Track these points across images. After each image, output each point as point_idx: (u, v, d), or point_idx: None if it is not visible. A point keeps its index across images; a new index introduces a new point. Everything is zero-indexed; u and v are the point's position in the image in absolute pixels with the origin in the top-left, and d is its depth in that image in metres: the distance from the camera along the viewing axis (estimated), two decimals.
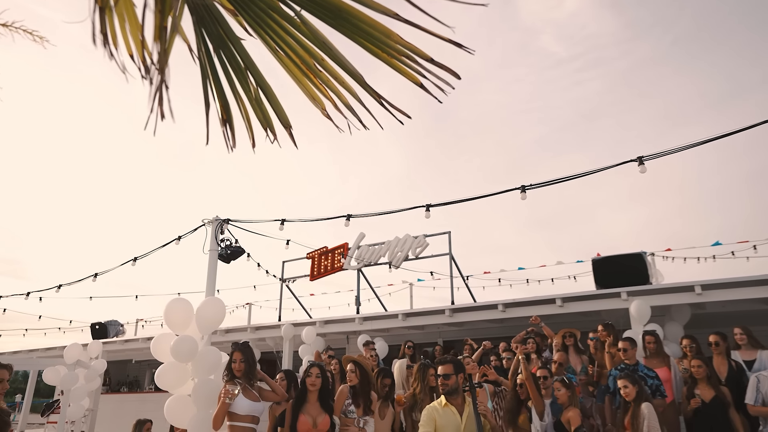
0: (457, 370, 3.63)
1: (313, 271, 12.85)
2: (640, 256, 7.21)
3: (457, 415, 3.54)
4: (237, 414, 3.96)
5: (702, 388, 5.16)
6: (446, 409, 3.58)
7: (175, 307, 4.49)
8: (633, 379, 4.72)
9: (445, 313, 8.61)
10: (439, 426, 3.51)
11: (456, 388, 3.60)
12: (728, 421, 4.99)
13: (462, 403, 3.61)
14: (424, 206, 4.19)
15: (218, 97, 1.03)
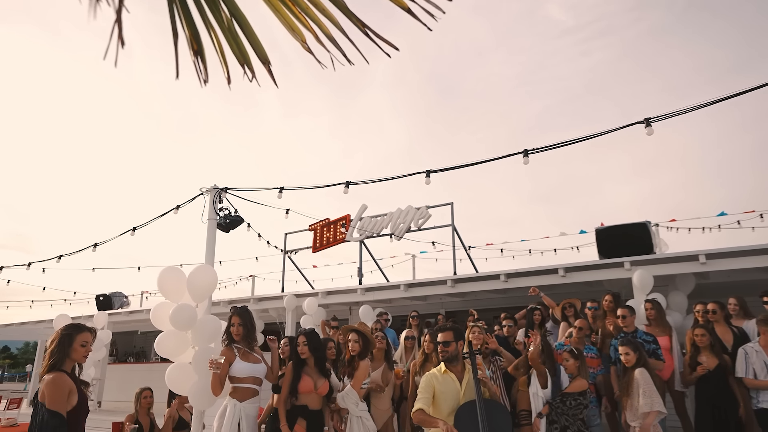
0: (457, 337, 3.61)
1: (316, 243, 12.86)
2: (644, 225, 7.12)
3: (456, 382, 3.53)
4: (237, 377, 4.01)
5: (705, 357, 5.14)
6: (446, 376, 3.56)
7: (168, 276, 4.47)
8: (634, 345, 4.70)
9: (447, 283, 8.59)
10: (438, 392, 3.50)
11: (456, 355, 3.58)
12: (729, 388, 5.00)
13: (462, 371, 3.59)
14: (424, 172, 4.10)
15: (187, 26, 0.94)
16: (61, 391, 2.86)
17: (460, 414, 3.35)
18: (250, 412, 4.01)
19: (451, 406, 3.42)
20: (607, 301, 6.17)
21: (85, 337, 3.10)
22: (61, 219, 67.79)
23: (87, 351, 3.10)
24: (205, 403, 4.28)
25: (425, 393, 3.50)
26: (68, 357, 3.02)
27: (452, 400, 3.45)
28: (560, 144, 3.54)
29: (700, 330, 5.21)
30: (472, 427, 3.26)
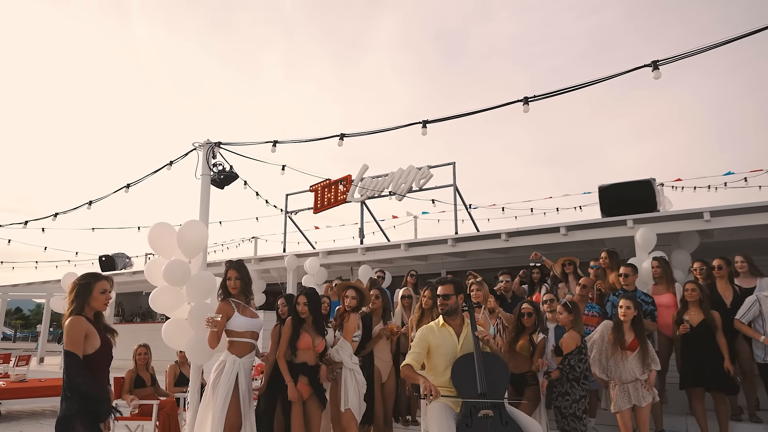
0: (457, 291, 3.54)
1: (317, 204, 12.79)
2: (649, 183, 6.97)
3: (454, 336, 3.48)
4: (235, 331, 3.98)
5: (692, 312, 5.11)
6: (443, 330, 3.52)
7: (159, 232, 4.40)
8: (636, 303, 4.65)
9: (448, 242, 8.53)
10: (433, 346, 3.46)
11: (455, 308, 3.52)
12: (715, 344, 4.96)
13: (460, 324, 3.54)
14: (420, 123, 3.96)
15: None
16: (76, 333, 2.90)
17: (457, 366, 3.32)
18: (247, 366, 4.02)
19: (448, 360, 3.39)
20: (602, 259, 6.10)
21: (103, 285, 3.13)
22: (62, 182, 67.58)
23: (107, 298, 3.14)
24: (202, 358, 4.29)
25: (417, 348, 3.47)
26: (88, 305, 3.05)
27: (449, 353, 3.42)
28: (563, 90, 3.38)
29: (691, 285, 5.17)
30: (469, 380, 3.23)
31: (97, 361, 2.97)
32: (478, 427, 3.07)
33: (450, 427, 3.07)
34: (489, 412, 3.09)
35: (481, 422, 3.08)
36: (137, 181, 5.31)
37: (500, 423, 3.09)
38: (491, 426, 3.05)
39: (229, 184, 4.97)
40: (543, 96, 3.45)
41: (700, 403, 5.04)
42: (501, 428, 3.07)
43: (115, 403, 5.48)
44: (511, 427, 3.09)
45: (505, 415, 3.13)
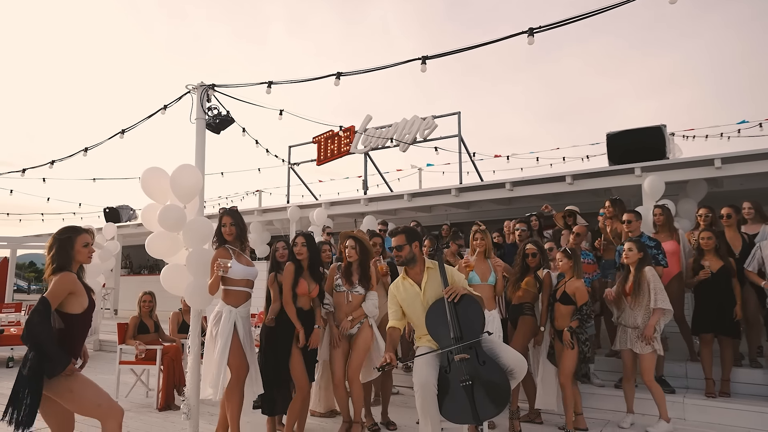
0: (410, 240, 3.45)
1: (320, 156, 12.63)
2: (659, 129, 6.76)
3: (415, 286, 3.42)
4: (232, 279, 3.91)
5: (709, 260, 5.05)
6: (405, 282, 3.47)
7: (151, 176, 4.30)
8: (640, 245, 4.57)
9: (452, 192, 8.42)
10: (401, 301, 3.43)
11: (411, 257, 3.44)
12: (730, 291, 4.95)
13: (420, 272, 3.45)
14: (420, 59, 3.77)
15: None
16: (63, 288, 2.81)
17: (429, 315, 3.27)
18: (244, 315, 3.98)
19: (418, 311, 3.35)
20: (606, 208, 5.99)
21: (85, 238, 3.00)
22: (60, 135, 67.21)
23: (90, 251, 3.01)
24: (200, 303, 4.29)
25: (392, 307, 3.47)
26: (73, 260, 2.94)
27: (414, 304, 3.37)
28: (568, 20, 3.16)
29: (706, 233, 5.09)
30: (443, 326, 3.19)
31: (82, 322, 2.90)
32: (456, 372, 3.06)
33: (431, 374, 3.08)
34: (464, 356, 3.08)
35: (458, 366, 3.07)
36: (132, 126, 5.19)
37: (477, 363, 3.08)
38: (467, 368, 3.04)
39: (225, 128, 4.83)
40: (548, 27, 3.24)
41: (709, 348, 5.05)
42: (478, 368, 3.06)
43: (119, 347, 5.67)
44: (489, 365, 3.07)
45: (482, 354, 3.11)
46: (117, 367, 5.43)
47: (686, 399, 4.90)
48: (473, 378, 3.00)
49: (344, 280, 4.33)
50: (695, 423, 4.70)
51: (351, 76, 4.16)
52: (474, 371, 3.02)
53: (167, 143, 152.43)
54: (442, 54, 3.64)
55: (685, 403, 4.86)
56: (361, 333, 4.28)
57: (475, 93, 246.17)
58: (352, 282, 4.31)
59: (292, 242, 4.21)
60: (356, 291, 4.32)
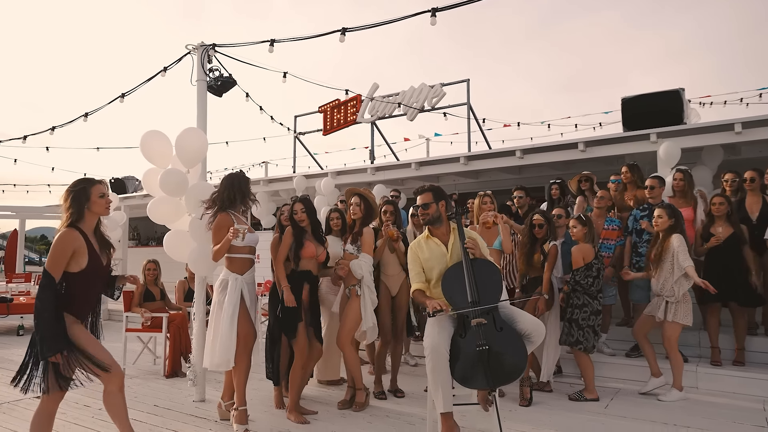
0: (436, 198, 3.33)
1: (326, 126, 12.45)
2: (677, 93, 6.49)
3: (441, 246, 3.31)
4: (235, 246, 3.79)
5: (720, 227, 4.90)
6: (429, 242, 3.35)
7: (151, 140, 4.18)
8: (671, 210, 4.42)
9: (460, 161, 8.23)
10: (423, 260, 3.31)
11: (438, 216, 3.32)
12: (742, 257, 4.80)
13: (447, 233, 3.35)
14: (429, 11, 3.57)
15: None
16: (62, 250, 2.71)
17: (446, 278, 3.16)
18: (250, 282, 3.87)
19: (439, 272, 3.24)
20: (623, 173, 5.80)
21: (100, 188, 2.90)
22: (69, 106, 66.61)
23: (107, 202, 2.92)
24: (204, 269, 4.22)
25: (414, 268, 3.35)
26: (89, 210, 2.84)
27: (439, 265, 3.26)
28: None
29: (718, 198, 4.93)
30: (460, 290, 3.09)
31: (80, 282, 2.78)
32: (471, 336, 2.96)
33: (442, 330, 2.98)
34: (482, 321, 2.97)
35: (474, 331, 2.96)
36: (132, 90, 5.04)
37: (494, 329, 2.97)
38: (484, 333, 2.94)
39: (227, 90, 4.68)
40: None
41: (715, 317, 4.95)
42: (495, 334, 2.95)
43: (125, 315, 5.65)
44: (507, 332, 2.97)
45: (499, 320, 3.01)
46: (123, 335, 5.42)
47: (699, 368, 4.81)
48: (490, 343, 2.90)
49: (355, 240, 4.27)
50: (708, 392, 4.63)
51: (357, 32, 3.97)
52: (491, 337, 2.92)
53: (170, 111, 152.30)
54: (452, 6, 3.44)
55: (698, 372, 4.77)
56: (351, 303, 4.18)
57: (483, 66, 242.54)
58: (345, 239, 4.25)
59: (290, 209, 4.08)
60: (348, 249, 4.23)
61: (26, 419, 3.85)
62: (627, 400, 4.39)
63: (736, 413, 4.01)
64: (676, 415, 3.93)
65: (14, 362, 5.89)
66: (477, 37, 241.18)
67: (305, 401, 4.28)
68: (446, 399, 2.96)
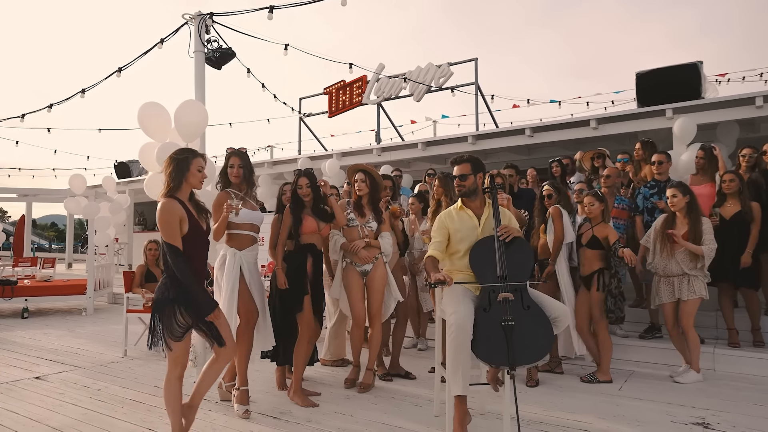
0: (475, 170, 3.17)
1: (331, 108, 12.26)
2: (695, 66, 6.25)
3: (474, 219, 3.16)
4: (234, 222, 3.66)
5: (729, 204, 4.71)
6: (462, 213, 3.20)
7: (149, 112, 4.03)
8: (684, 188, 4.23)
9: (468, 140, 8.04)
10: (452, 231, 3.16)
11: (474, 189, 3.17)
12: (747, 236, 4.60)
13: (481, 206, 3.21)
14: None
15: None
16: (169, 221, 2.74)
17: (476, 250, 3.02)
18: (250, 260, 3.73)
19: (469, 244, 3.09)
20: (636, 150, 5.58)
21: (200, 162, 2.93)
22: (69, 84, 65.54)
23: (203, 177, 2.96)
24: None
25: (437, 236, 3.18)
26: (186, 182, 2.87)
27: (469, 237, 3.11)
28: None
29: (729, 175, 4.73)
30: (489, 263, 2.94)
31: (186, 248, 2.76)
32: (497, 311, 2.80)
33: (467, 306, 2.81)
34: (509, 296, 2.81)
35: (500, 306, 2.81)
36: (129, 63, 4.88)
37: (521, 307, 2.82)
38: (511, 310, 2.78)
39: (226, 62, 4.51)
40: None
41: (728, 298, 4.78)
42: (522, 312, 2.80)
43: (126, 296, 5.56)
44: (534, 310, 2.82)
45: (527, 298, 2.86)
46: (125, 316, 5.32)
47: (716, 349, 4.64)
48: (516, 320, 2.75)
49: (356, 213, 4.11)
50: (726, 374, 4.46)
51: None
52: (517, 314, 2.78)
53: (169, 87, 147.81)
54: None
55: (716, 354, 4.61)
56: (377, 270, 4.08)
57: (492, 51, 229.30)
58: (364, 215, 4.09)
59: (294, 183, 3.93)
60: (369, 226, 4.10)
61: (23, 399, 3.78)
62: (642, 382, 4.24)
63: (757, 395, 3.85)
64: (694, 397, 3.78)
65: (17, 344, 5.84)
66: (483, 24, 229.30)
67: (308, 383, 4.18)
68: (465, 381, 2.80)
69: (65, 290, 8.30)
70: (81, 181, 8.43)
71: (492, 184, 3.24)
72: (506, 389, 2.94)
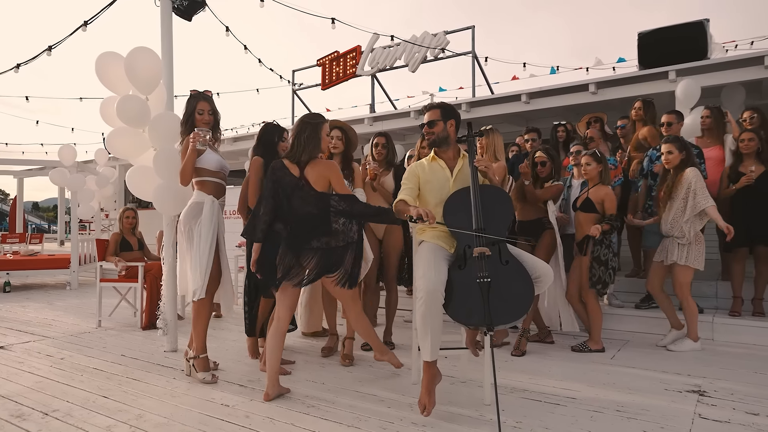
0: (445, 116, 2.91)
1: (325, 79, 11.93)
2: (700, 24, 5.90)
3: (446, 170, 2.91)
4: (207, 169, 3.33)
5: (748, 165, 4.41)
6: (433, 164, 2.95)
7: (107, 62, 3.73)
8: (680, 143, 3.94)
9: (462, 108, 7.73)
10: (422, 182, 2.91)
11: (445, 137, 2.91)
12: None
13: (454, 158, 2.96)
14: None
15: None
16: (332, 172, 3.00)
17: (450, 202, 2.76)
18: (220, 212, 3.46)
19: (440, 196, 2.84)
20: (636, 109, 5.26)
21: (326, 128, 3.09)
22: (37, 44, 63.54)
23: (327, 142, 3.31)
24: (171, 208, 3.83)
25: (407, 183, 2.93)
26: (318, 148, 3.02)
27: (440, 189, 2.87)
28: None
29: (748, 134, 4.43)
30: (464, 216, 2.68)
31: None
32: (472, 268, 2.55)
33: (438, 270, 2.55)
34: (485, 250, 2.56)
35: (476, 262, 2.55)
36: (95, 16, 4.58)
37: (499, 262, 2.57)
38: (487, 265, 2.53)
39: (195, 13, 4.22)
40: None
41: (741, 264, 4.51)
42: (500, 268, 2.55)
43: (99, 264, 5.33)
44: (513, 266, 2.56)
45: (505, 253, 2.60)
46: (98, 286, 5.10)
47: (716, 318, 4.41)
48: (492, 276, 2.49)
49: None
50: (725, 343, 4.24)
51: None
52: (494, 269, 2.52)
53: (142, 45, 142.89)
54: None
55: (715, 323, 4.37)
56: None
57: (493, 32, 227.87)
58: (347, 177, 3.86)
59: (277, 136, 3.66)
60: None
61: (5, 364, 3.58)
62: (636, 351, 4.02)
63: (756, 363, 3.63)
64: (690, 366, 3.55)
65: None
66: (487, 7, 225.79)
67: (285, 352, 3.96)
68: (434, 347, 2.57)
69: (48, 264, 8.11)
70: (71, 152, 8.17)
71: (469, 131, 2.98)
72: (486, 354, 2.72)
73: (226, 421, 2.57)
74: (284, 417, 2.61)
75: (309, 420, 2.57)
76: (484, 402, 2.79)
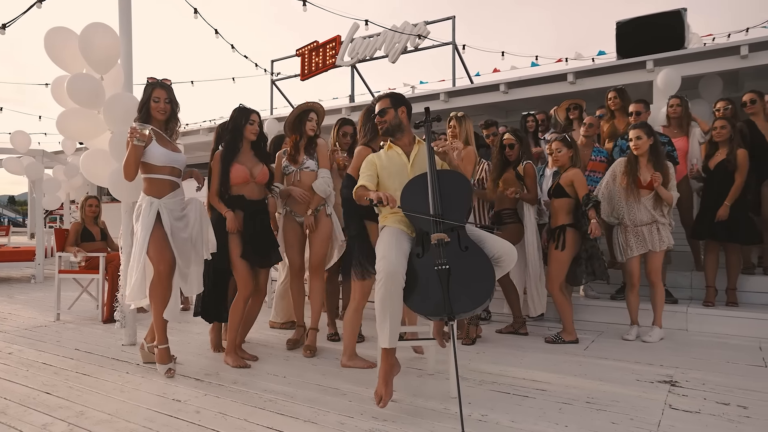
0: (395, 104, 2.86)
1: (304, 70, 11.74)
2: (678, 14, 5.84)
3: (402, 156, 2.82)
4: (152, 164, 3.15)
5: (721, 153, 4.38)
6: (390, 152, 2.86)
7: (57, 38, 3.51)
8: (648, 129, 3.86)
9: (440, 97, 7.59)
10: (379, 169, 2.82)
11: (398, 124, 2.84)
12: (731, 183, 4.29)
13: (410, 144, 2.88)
14: None
15: None
16: None
17: (407, 188, 2.64)
18: (172, 207, 3.24)
19: (399, 182, 2.73)
20: (611, 99, 5.19)
21: None
22: None
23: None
24: (127, 195, 3.65)
25: (366, 171, 2.83)
26: None
27: (399, 176, 2.76)
28: None
29: (720, 122, 4.39)
30: (421, 202, 2.55)
31: None
32: (431, 256, 2.42)
33: (399, 252, 2.42)
34: (443, 237, 2.43)
35: (434, 250, 2.43)
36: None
37: (458, 248, 2.44)
38: (446, 253, 2.40)
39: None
40: None
41: (714, 254, 4.48)
42: (459, 254, 2.42)
43: (58, 255, 5.10)
44: (473, 252, 2.43)
45: (465, 238, 2.47)
46: (56, 278, 4.87)
47: (690, 309, 4.36)
48: (451, 263, 2.37)
49: (290, 159, 3.73)
50: (699, 333, 4.19)
51: None
52: (453, 256, 2.39)
53: None
54: None
55: (689, 313, 4.33)
56: (320, 221, 3.71)
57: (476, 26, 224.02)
58: (297, 160, 3.70)
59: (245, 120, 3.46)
60: (306, 167, 3.70)
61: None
62: (609, 342, 3.95)
63: (730, 353, 3.57)
64: (663, 356, 3.48)
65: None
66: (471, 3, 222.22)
67: (250, 345, 3.81)
68: (393, 333, 2.44)
69: (13, 256, 7.82)
70: (24, 138, 7.83)
71: (426, 116, 2.86)
72: (450, 345, 2.59)
73: (175, 417, 2.41)
74: (237, 412, 2.46)
75: (263, 415, 2.43)
76: (450, 395, 2.67)
